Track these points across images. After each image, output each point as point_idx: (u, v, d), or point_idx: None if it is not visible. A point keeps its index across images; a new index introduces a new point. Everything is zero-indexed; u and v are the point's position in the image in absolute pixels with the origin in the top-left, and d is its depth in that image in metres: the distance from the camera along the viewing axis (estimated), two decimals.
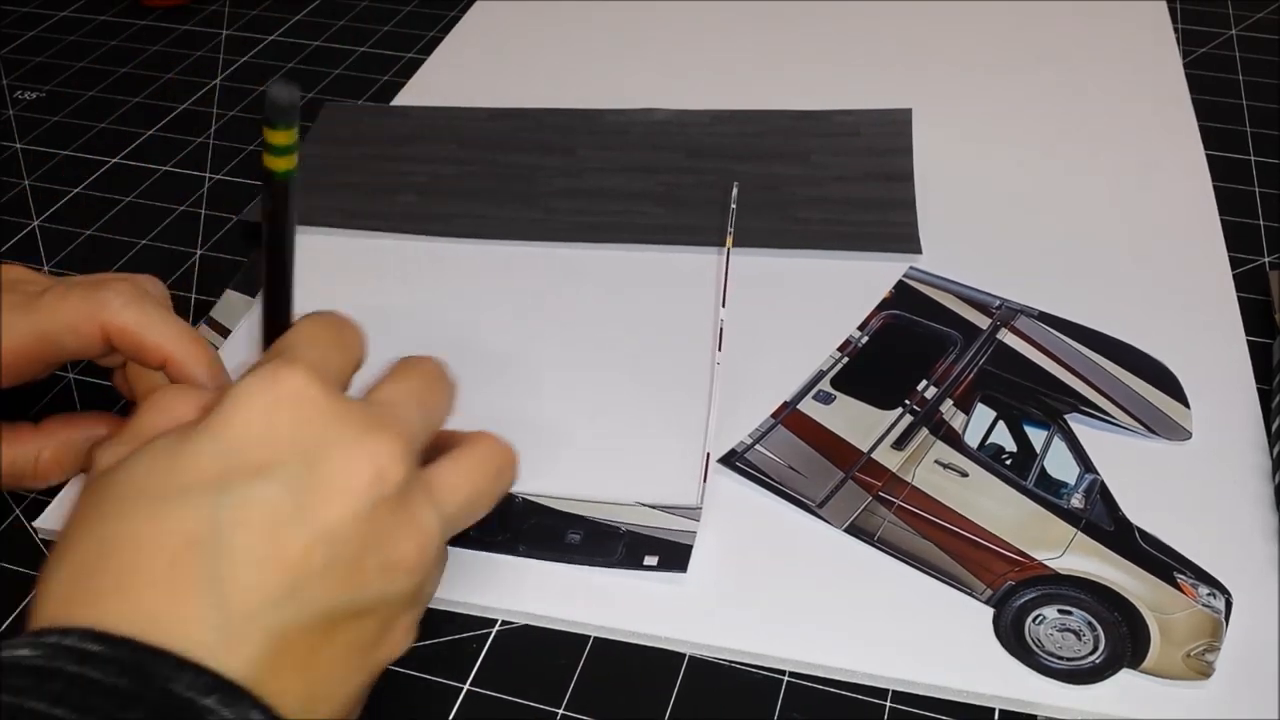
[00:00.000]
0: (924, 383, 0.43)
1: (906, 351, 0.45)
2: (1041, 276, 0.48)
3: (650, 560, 0.37)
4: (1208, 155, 0.55)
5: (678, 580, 0.36)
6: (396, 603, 0.28)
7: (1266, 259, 0.50)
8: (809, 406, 0.42)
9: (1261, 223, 0.52)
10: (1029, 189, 0.53)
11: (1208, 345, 0.45)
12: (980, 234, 0.51)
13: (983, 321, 0.46)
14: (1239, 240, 0.50)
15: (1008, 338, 0.45)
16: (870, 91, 0.60)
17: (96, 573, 0.26)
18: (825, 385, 0.43)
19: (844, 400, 0.43)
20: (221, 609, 0.25)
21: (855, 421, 0.42)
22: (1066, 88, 0.60)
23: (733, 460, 0.40)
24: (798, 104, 0.59)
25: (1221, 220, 0.51)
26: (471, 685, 0.34)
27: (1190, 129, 0.57)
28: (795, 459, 0.40)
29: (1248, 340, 0.45)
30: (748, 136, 0.57)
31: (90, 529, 0.27)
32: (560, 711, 0.34)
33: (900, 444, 0.41)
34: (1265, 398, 0.43)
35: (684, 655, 0.35)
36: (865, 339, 0.45)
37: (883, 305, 0.47)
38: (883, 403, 0.43)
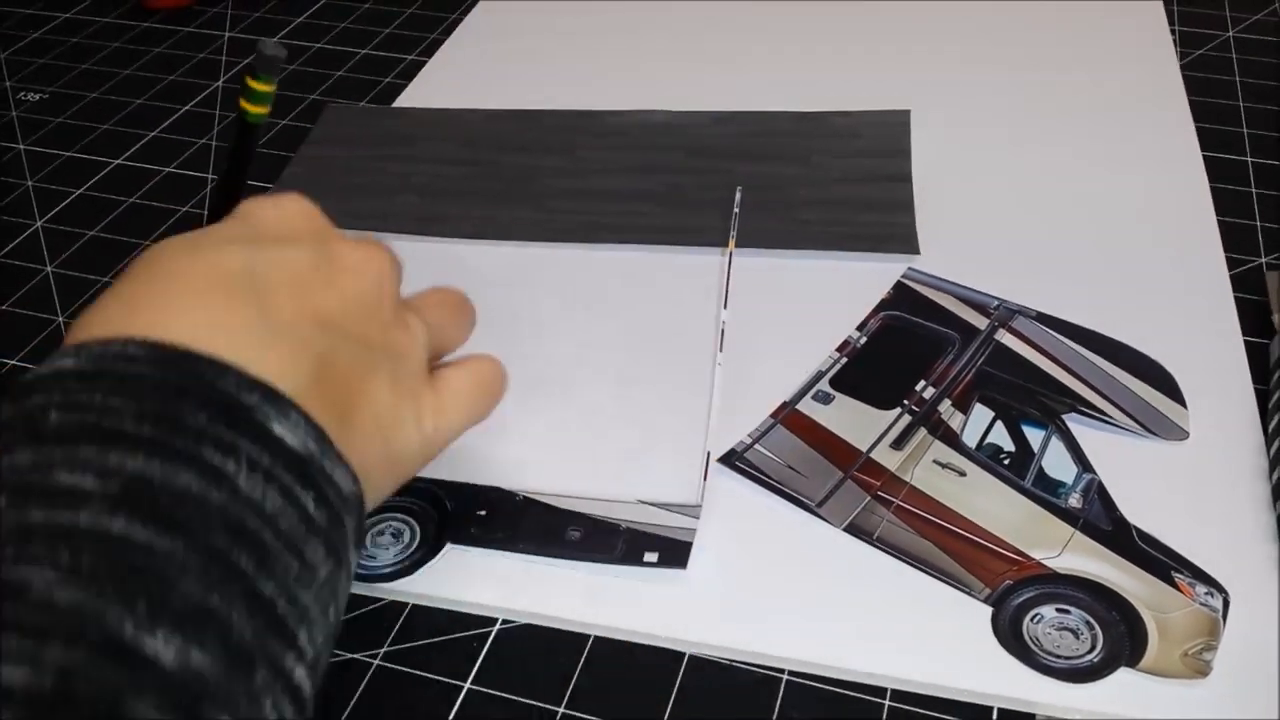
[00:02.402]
0: (922, 383, 0.43)
1: (905, 352, 0.45)
2: (1039, 277, 0.48)
3: (650, 557, 0.37)
4: (1204, 156, 0.55)
5: (678, 580, 0.37)
6: (396, 362, 0.31)
7: (1263, 259, 0.50)
8: (808, 406, 0.43)
9: (1258, 223, 0.52)
10: (1026, 190, 0.53)
11: (1205, 346, 0.45)
12: (978, 235, 0.51)
13: (981, 322, 0.46)
14: (1236, 241, 0.51)
15: (1005, 338, 0.45)
16: (870, 92, 0.60)
17: (138, 297, 0.27)
18: (824, 385, 0.43)
19: (842, 400, 0.43)
20: (264, 317, 0.27)
21: (854, 421, 0.42)
22: (1064, 89, 0.60)
23: (732, 460, 0.41)
24: (798, 105, 0.59)
25: (1218, 221, 0.51)
26: (472, 685, 0.35)
27: (1187, 130, 0.57)
28: (794, 459, 0.41)
29: (1245, 341, 0.45)
30: (748, 137, 0.57)
31: (130, 275, 0.28)
32: (560, 711, 0.34)
33: (899, 444, 0.41)
34: (1262, 398, 0.43)
35: (684, 655, 0.35)
36: (864, 339, 0.45)
37: (881, 306, 0.47)
38: (881, 403, 0.43)
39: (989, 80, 0.62)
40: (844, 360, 0.44)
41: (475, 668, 0.35)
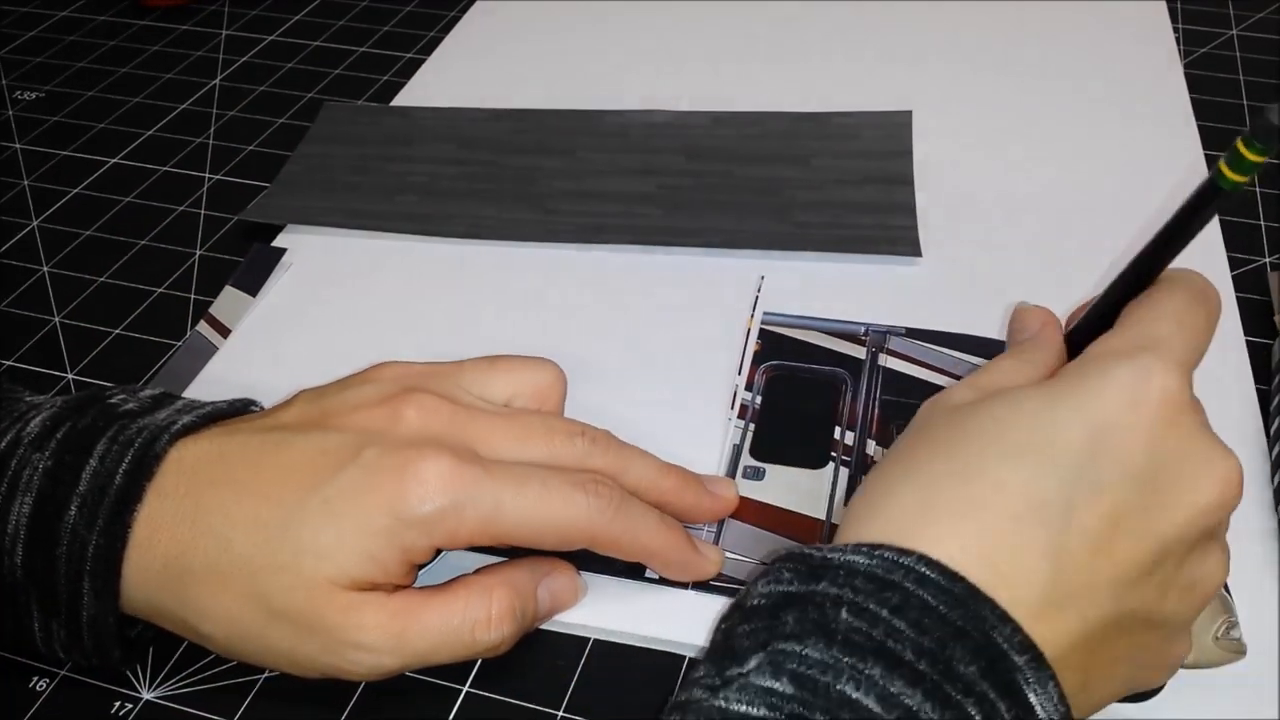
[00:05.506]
0: (837, 429, 0.41)
1: (804, 401, 0.43)
2: (1040, 278, 0.48)
3: (652, 574, 0.37)
4: (1207, 155, 0.55)
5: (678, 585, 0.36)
6: (1181, 626, 0.29)
7: (1266, 260, 0.50)
8: (744, 487, 0.39)
9: (1262, 223, 0.52)
10: (1028, 190, 0.53)
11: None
12: (980, 236, 0.51)
13: (858, 351, 0.44)
14: (1239, 241, 0.50)
15: (889, 362, 0.44)
16: (870, 93, 0.60)
17: (942, 500, 0.27)
18: (748, 460, 0.41)
19: (774, 470, 0.40)
20: (1054, 579, 0.26)
21: (794, 488, 0.39)
22: (1066, 88, 0.60)
23: (706, 583, 0.37)
24: (797, 105, 0.59)
25: (1221, 221, 0.51)
26: (471, 686, 0.34)
27: (1189, 129, 0.57)
28: (761, 551, 0.37)
29: (1247, 341, 0.45)
30: (747, 138, 0.57)
31: (942, 458, 0.28)
32: (560, 712, 0.34)
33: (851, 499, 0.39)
34: (1264, 399, 0.42)
35: (683, 657, 0.35)
36: (758, 398, 0.43)
37: (757, 358, 0.45)
38: (811, 462, 0.40)
39: (991, 79, 0.61)
40: (751, 426, 0.42)
41: (474, 671, 0.35)
